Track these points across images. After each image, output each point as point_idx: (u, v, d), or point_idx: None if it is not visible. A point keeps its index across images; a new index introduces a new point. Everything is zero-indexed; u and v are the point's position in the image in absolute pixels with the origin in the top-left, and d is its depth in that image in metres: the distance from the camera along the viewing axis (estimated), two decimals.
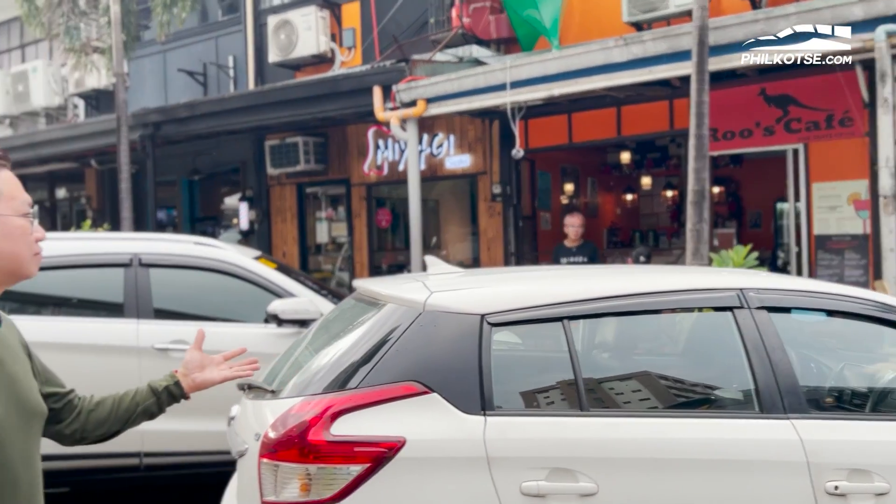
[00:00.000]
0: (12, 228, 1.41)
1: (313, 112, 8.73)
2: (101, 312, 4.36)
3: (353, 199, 10.58)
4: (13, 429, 1.38)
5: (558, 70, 6.40)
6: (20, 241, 1.42)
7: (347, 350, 2.43)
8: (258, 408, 2.56)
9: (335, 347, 2.63)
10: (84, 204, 13.82)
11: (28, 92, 13.51)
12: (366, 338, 2.43)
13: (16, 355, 1.48)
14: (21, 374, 1.46)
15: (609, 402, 2.39)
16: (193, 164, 12.24)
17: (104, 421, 1.73)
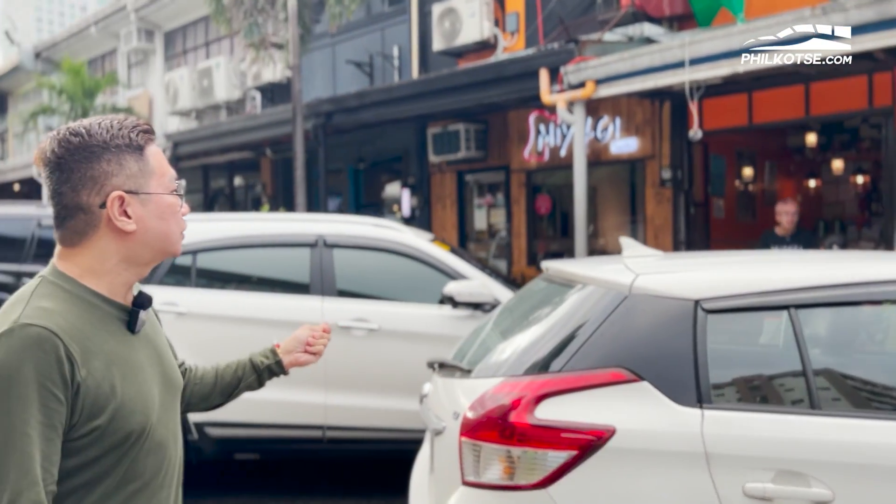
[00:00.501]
0: (164, 207, 1.34)
1: (477, 98, 8.73)
2: (289, 290, 4.56)
3: (512, 185, 10.52)
4: (164, 406, 1.37)
5: (744, 44, 5.94)
6: (171, 220, 1.35)
7: (546, 332, 2.34)
8: (453, 386, 2.54)
9: (530, 329, 2.55)
10: (259, 191, 14.74)
11: (212, 86, 14.58)
12: (565, 320, 2.33)
13: (157, 329, 1.48)
14: (164, 348, 1.46)
15: (844, 401, 2.14)
16: (359, 153, 12.68)
17: (207, 395, 1.73)
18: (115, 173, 1.28)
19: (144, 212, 1.31)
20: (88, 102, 14.58)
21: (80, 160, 1.27)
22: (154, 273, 4.50)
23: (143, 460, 1.31)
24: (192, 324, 4.37)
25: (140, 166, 1.31)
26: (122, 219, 1.29)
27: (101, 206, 1.28)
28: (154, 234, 1.32)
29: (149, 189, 1.31)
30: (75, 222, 1.29)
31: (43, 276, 1.31)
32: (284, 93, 13.89)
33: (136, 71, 18.50)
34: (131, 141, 1.30)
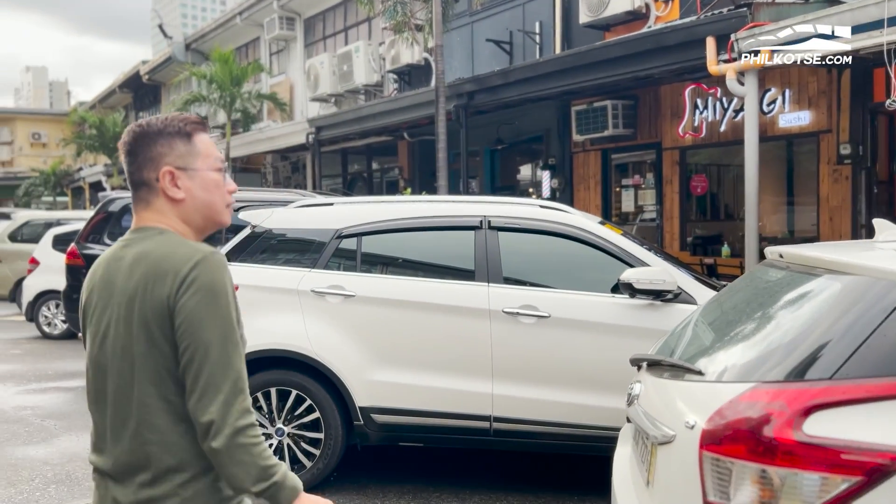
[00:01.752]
0: (208, 181, 1.63)
1: (632, 71, 8.21)
2: (454, 274, 4.37)
3: (664, 164, 9.91)
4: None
5: None
6: (215, 193, 1.64)
7: (801, 330, 1.97)
8: (675, 389, 2.21)
9: (770, 326, 2.18)
10: (396, 174, 14.82)
11: (351, 71, 14.76)
12: (825, 316, 1.95)
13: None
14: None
15: None
16: (497, 134, 12.41)
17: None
18: (166, 154, 1.60)
19: (192, 184, 1.62)
20: (236, 90, 15.16)
21: (143, 145, 1.61)
22: (319, 256, 4.44)
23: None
24: (360, 307, 4.27)
25: (188, 148, 1.62)
26: (172, 188, 1.61)
27: (157, 179, 1.61)
28: (199, 202, 1.63)
29: (195, 166, 1.62)
30: (141, 192, 1.63)
31: (153, 227, 1.61)
32: (422, 75, 13.84)
33: (278, 58, 19.11)
34: (180, 129, 1.62)
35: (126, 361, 1.53)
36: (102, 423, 1.59)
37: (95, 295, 1.61)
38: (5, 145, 38.26)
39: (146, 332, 1.51)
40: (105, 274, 1.60)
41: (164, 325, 1.50)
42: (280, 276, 4.43)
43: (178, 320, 1.49)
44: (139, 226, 1.62)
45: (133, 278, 1.54)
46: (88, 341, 1.63)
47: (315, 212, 4.68)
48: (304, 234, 4.56)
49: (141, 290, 1.52)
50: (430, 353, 4.22)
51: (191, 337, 1.48)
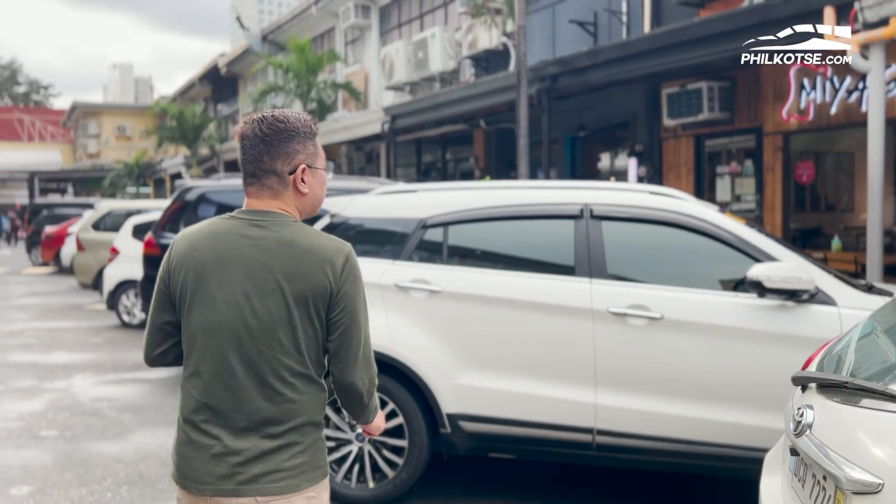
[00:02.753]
0: (322, 180, 1.85)
1: (733, 49, 7.53)
2: (551, 269, 3.93)
3: (764, 150, 9.16)
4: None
5: None
6: (323, 190, 1.87)
7: None
8: (886, 423, 1.73)
9: None
10: (472, 164, 14.40)
11: (427, 58, 14.41)
12: None
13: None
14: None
15: None
16: (579, 120, 11.84)
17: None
18: (300, 151, 1.81)
19: (314, 181, 1.84)
20: (312, 79, 15.03)
21: (280, 139, 1.78)
22: (403, 247, 4.07)
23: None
24: (447, 304, 3.88)
25: (315, 149, 1.84)
26: (302, 184, 1.81)
27: (290, 172, 1.80)
28: (315, 197, 1.86)
29: (317, 165, 1.85)
30: (270, 181, 1.80)
31: (282, 214, 1.80)
32: (500, 60, 13.37)
33: (353, 48, 18.94)
34: (311, 131, 1.83)
35: (272, 328, 1.73)
36: (225, 382, 1.74)
37: (212, 264, 1.75)
38: (93, 138, 39.74)
39: (305, 307, 1.73)
40: (228, 247, 1.76)
41: (323, 304, 1.74)
42: (365, 268, 4.08)
43: (339, 301, 1.75)
44: (264, 209, 1.79)
45: (281, 259, 1.74)
46: (203, 305, 1.76)
47: (398, 199, 4.31)
48: (387, 224, 4.20)
49: (295, 271, 1.73)
50: (524, 356, 3.80)
51: (349, 315, 1.77)
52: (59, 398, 6.28)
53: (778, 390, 3.44)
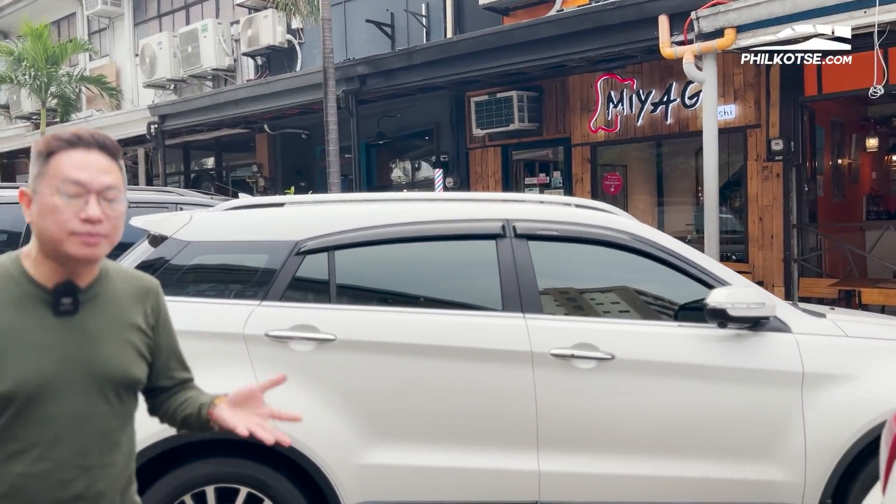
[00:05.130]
0: (43, 206, 1.45)
1: (566, 54, 7.29)
2: (471, 302, 3.12)
3: (573, 161, 9.17)
4: (70, 388, 1.47)
5: None
6: (48, 219, 1.44)
7: None
8: None
9: None
10: (255, 172, 13.04)
11: (198, 53, 12.78)
12: None
13: (114, 319, 1.55)
14: (104, 338, 1.52)
15: None
16: (378, 127, 11.13)
17: (165, 415, 1.72)
18: (30, 173, 1.49)
19: (35, 208, 1.46)
20: (53, 71, 12.62)
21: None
22: (272, 282, 3.00)
23: (22, 429, 1.44)
24: (343, 356, 2.90)
25: (40, 170, 1.46)
26: (25, 210, 1.49)
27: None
28: (38, 228, 1.46)
29: (39, 190, 1.45)
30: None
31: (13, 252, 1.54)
32: (284, 59, 12.24)
33: (100, 38, 16.44)
34: (41, 150, 1.48)
35: None
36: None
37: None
38: None
39: None
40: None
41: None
42: (214, 315, 2.95)
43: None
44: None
45: None
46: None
47: (257, 216, 3.22)
48: (245, 250, 3.10)
49: None
50: (448, 418, 2.95)
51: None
52: None
53: (751, 433, 2.98)
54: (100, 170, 1.47)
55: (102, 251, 1.48)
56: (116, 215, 1.47)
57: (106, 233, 1.46)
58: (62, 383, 1.45)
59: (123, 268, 1.65)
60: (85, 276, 1.51)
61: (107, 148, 1.50)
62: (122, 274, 1.61)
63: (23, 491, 1.44)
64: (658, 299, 3.26)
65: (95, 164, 1.46)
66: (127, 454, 1.57)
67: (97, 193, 1.45)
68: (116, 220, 1.48)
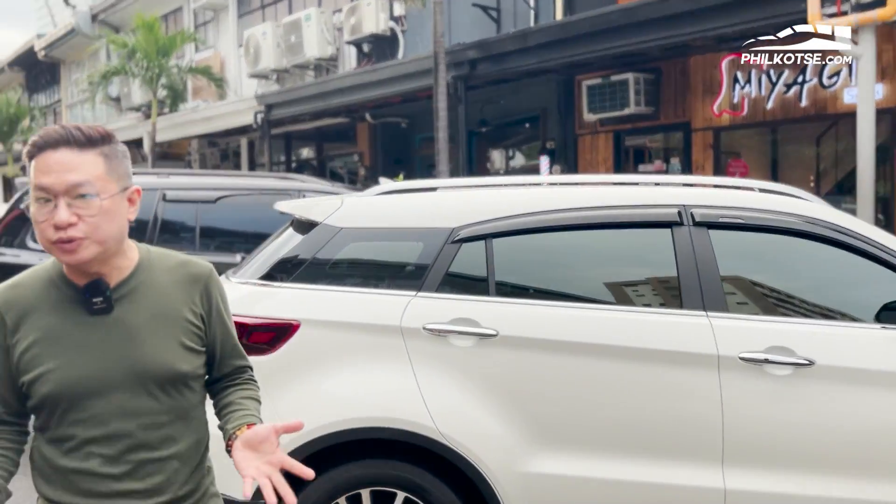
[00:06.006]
0: (34, 214, 1.40)
1: (691, 32, 6.84)
2: (643, 296, 2.83)
3: (693, 147, 8.66)
4: (115, 386, 1.45)
5: None
6: (36, 230, 1.41)
7: None
8: None
9: None
10: (356, 161, 13.03)
11: (301, 42, 12.85)
12: None
13: (155, 312, 1.49)
14: (143, 334, 1.48)
15: None
16: (480, 114, 10.87)
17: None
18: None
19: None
20: (163, 62, 12.95)
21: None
22: (426, 273, 2.78)
23: (71, 429, 1.45)
24: (507, 354, 2.66)
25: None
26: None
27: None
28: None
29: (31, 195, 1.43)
30: None
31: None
32: (386, 47, 12.13)
33: (206, 31, 16.84)
34: (24, 159, 1.43)
35: None
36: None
37: None
38: None
39: None
40: None
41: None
42: (369, 306, 2.76)
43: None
44: None
45: None
46: None
47: (412, 202, 3.02)
48: (400, 237, 2.90)
49: None
50: (622, 426, 2.66)
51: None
52: None
53: None
54: (64, 168, 1.37)
55: (87, 253, 1.40)
56: (92, 212, 1.38)
57: (85, 234, 1.38)
58: (104, 381, 1.45)
59: (171, 255, 1.57)
60: (112, 274, 1.47)
61: (73, 141, 1.39)
62: (166, 262, 1.54)
63: (79, 486, 1.46)
64: (857, 297, 2.87)
65: (59, 164, 1.37)
66: (189, 448, 1.53)
67: (64, 194, 1.36)
68: (94, 216, 1.38)
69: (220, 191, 5.44)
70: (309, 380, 2.70)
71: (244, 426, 1.52)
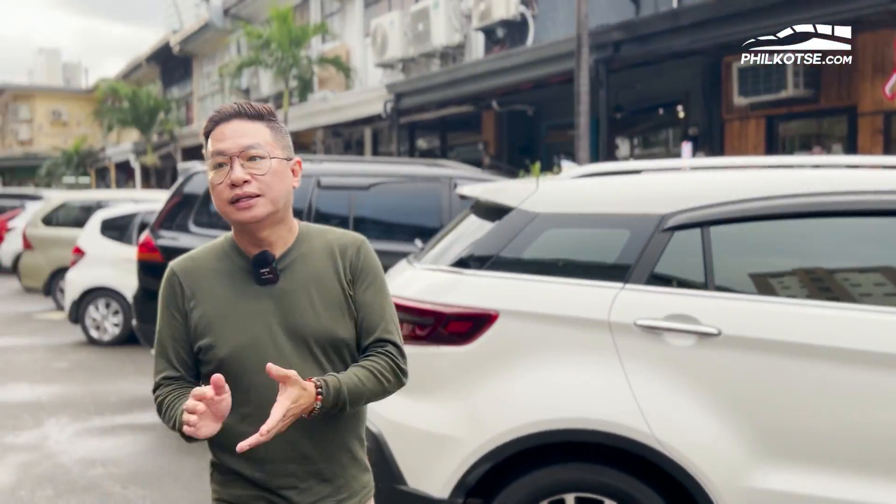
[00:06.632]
0: (209, 185, 1.57)
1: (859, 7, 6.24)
2: (890, 295, 2.49)
3: (859, 133, 7.94)
4: (277, 351, 1.53)
5: None
6: (213, 192, 1.54)
7: None
8: None
9: None
10: (480, 151, 12.89)
11: (428, 31, 12.79)
12: None
13: (313, 281, 1.58)
14: (309, 301, 1.56)
15: None
16: (615, 100, 10.45)
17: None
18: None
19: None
20: (296, 52, 13.23)
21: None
22: (635, 262, 2.55)
23: (245, 393, 1.51)
24: (730, 356, 2.39)
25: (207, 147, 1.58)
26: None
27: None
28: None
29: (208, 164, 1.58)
30: None
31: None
32: (516, 32, 11.88)
33: (332, 22, 17.14)
34: (202, 136, 1.60)
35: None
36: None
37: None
38: (24, 123, 36.56)
39: None
40: None
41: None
42: (572, 298, 2.56)
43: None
44: None
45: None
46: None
47: (615, 185, 2.79)
48: (602, 223, 2.68)
49: None
50: (864, 441, 2.34)
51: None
52: (33, 461, 4.55)
53: None
54: (237, 134, 1.52)
55: (261, 211, 1.51)
56: (263, 171, 1.50)
57: (259, 191, 1.50)
58: (273, 347, 1.53)
59: (327, 229, 1.66)
60: (277, 244, 1.57)
61: (244, 113, 1.55)
62: (323, 235, 1.63)
63: (256, 451, 1.48)
64: None
65: (233, 131, 1.52)
66: (353, 413, 1.59)
67: (239, 156, 1.50)
68: (264, 175, 1.50)
69: (373, 177, 5.39)
70: (507, 375, 2.54)
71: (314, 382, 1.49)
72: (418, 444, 2.62)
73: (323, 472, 1.56)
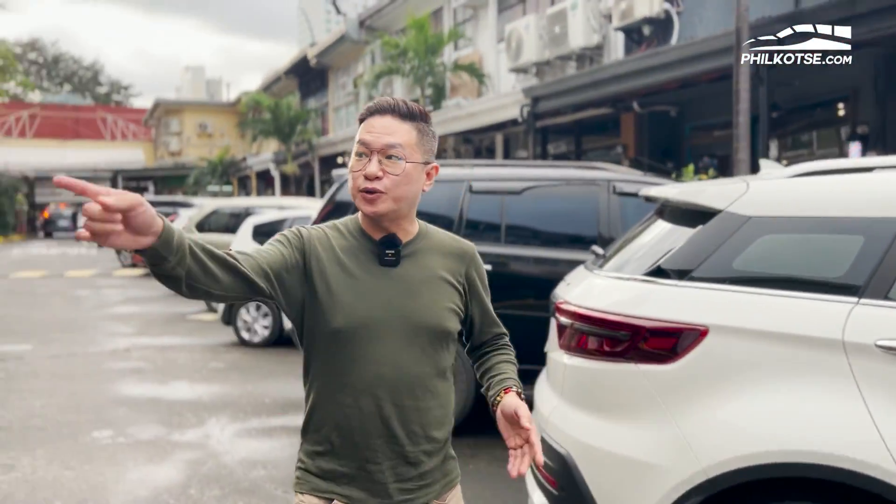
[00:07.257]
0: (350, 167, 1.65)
1: None
2: None
3: None
4: (392, 333, 1.59)
5: None
6: (350, 177, 1.62)
7: None
8: None
9: None
10: (619, 154, 12.45)
11: (566, 33, 12.51)
12: None
13: (430, 274, 1.65)
14: (424, 291, 1.63)
15: None
16: (771, 98, 9.75)
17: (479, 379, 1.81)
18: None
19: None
20: (432, 60, 13.32)
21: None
22: (870, 275, 2.21)
23: (349, 364, 1.58)
24: None
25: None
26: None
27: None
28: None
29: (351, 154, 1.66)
30: None
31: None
32: (659, 31, 11.38)
33: (464, 29, 17.19)
34: (359, 119, 1.66)
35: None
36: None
37: None
38: (174, 136, 39.29)
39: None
40: None
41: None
42: (797, 313, 2.25)
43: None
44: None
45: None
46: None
47: (842, 185, 2.46)
48: (829, 228, 2.35)
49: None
50: None
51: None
52: (199, 460, 4.68)
53: None
54: (385, 131, 1.57)
55: (383, 207, 1.57)
56: (396, 172, 1.56)
57: (385, 189, 1.56)
58: (383, 326, 1.58)
59: (443, 232, 1.75)
60: (401, 234, 1.64)
61: (398, 110, 1.59)
62: (440, 237, 1.72)
63: (349, 422, 1.58)
64: None
65: (382, 126, 1.57)
66: (442, 404, 1.66)
67: (379, 152, 1.57)
68: (396, 176, 1.56)
69: (526, 181, 5.20)
70: (719, 397, 2.27)
71: (502, 392, 1.66)
72: (615, 470, 2.39)
73: (408, 454, 1.60)
